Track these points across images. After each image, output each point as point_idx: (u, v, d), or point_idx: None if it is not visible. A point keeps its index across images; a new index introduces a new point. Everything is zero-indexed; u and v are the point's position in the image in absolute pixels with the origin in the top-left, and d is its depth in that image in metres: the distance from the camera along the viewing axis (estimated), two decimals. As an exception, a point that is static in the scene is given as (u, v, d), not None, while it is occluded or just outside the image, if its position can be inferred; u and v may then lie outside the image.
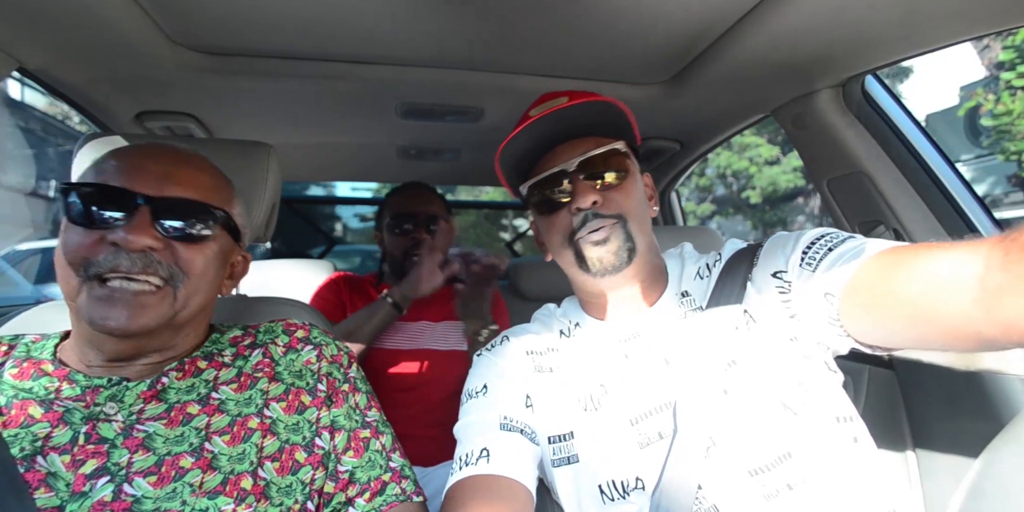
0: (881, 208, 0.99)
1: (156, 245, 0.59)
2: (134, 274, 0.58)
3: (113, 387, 0.61)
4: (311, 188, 7.20)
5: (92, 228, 0.59)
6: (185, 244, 0.62)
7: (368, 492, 0.67)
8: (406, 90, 1.18)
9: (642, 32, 0.91)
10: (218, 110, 1.26)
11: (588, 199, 0.71)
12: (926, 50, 0.85)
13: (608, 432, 0.68)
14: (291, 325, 0.75)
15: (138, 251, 0.58)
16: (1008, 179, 9.24)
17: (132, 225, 0.58)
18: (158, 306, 0.60)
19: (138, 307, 0.58)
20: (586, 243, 0.72)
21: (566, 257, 0.75)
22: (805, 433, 0.61)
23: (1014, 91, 6.86)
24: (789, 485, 0.59)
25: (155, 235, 0.59)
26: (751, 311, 0.67)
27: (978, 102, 7.33)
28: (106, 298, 0.57)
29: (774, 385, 0.63)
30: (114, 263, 0.57)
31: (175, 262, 0.61)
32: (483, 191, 11.94)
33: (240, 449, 0.61)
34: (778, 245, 0.67)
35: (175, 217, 0.61)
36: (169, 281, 0.61)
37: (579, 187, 0.72)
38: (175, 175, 0.63)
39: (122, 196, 0.60)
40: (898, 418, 0.91)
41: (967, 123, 8.37)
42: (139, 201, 0.59)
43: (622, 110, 0.73)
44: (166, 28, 0.91)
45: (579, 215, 0.72)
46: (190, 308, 0.64)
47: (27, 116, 6.10)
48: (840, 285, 0.56)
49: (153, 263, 0.59)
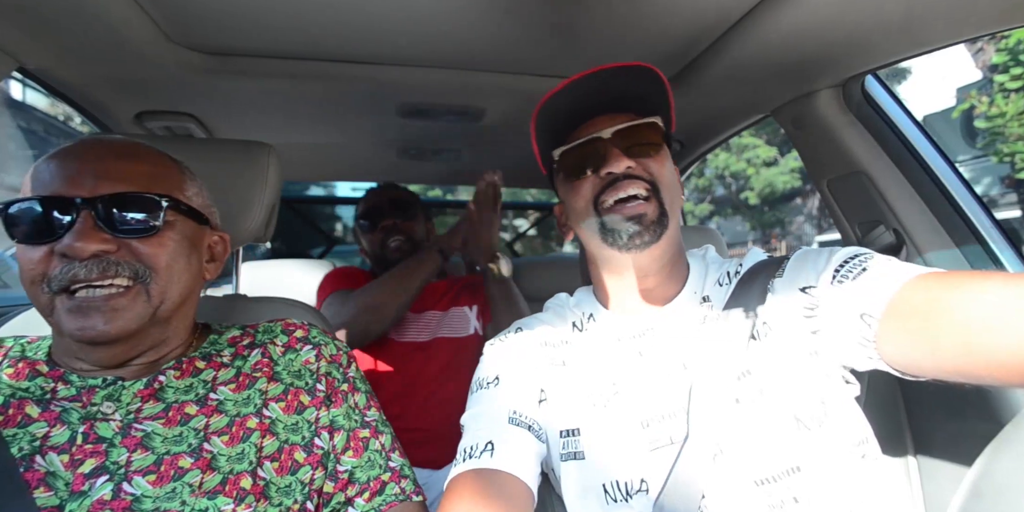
0: (881, 208, 0.99)
1: (107, 247, 0.57)
2: (94, 281, 0.56)
3: (109, 387, 0.61)
4: (311, 188, 7.20)
5: (39, 243, 0.57)
6: (140, 239, 0.59)
7: (368, 492, 0.66)
8: (406, 90, 1.18)
9: (642, 32, 0.91)
10: (218, 110, 1.26)
11: (621, 164, 0.69)
12: (926, 50, 0.85)
13: (617, 432, 0.67)
14: (290, 325, 0.75)
15: (90, 257, 0.56)
16: (1002, 180, 9.26)
17: (76, 232, 0.56)
18: (132, 306, 0.58)
19: (111, 311, 0.57)
20: (614, 213, 0.69)
21: (590, 227, 0.72)
22: (817, 449, 0.60)
23: (1007, 93, 6.89)
24: (795, 498, 0.59)
25: (103, 237, 0.57)
26: (770, 322, 0.65)
27: (972, 104, 7.36)
28: (77, 309, 0.56)
29: (788, 398, 0.62)
30: (71, 274, 0.55)
31: (137, 259, 0.59)
32: (483, 191, 11.92)
33: (239, 449, 0.61)
34: (808, 260, 0.66)
35: (118, 213, 0.58)
36: (137, 279, 0.58)
37: (612, 153, 0.69)
38: (108, 170, 0.60)
39: (56, 204, 0.57)
40: (898, 419, 0.91)
41: (962, 125, 8.40)
42: (77, 202, 0.57)
43: (663, 85, 0.72)
44: (166, 28, 0.91)
45: (608, 179, 0.70)
46: (169, 301, 0.62)
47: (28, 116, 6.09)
48: (881, 306, 0.54)
49: (111, 265, 0.57)
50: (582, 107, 0.73)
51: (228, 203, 0.86)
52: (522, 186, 3.01)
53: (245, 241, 0.93)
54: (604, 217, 0.70)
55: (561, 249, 3.38)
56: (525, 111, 1.31)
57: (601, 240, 0.71)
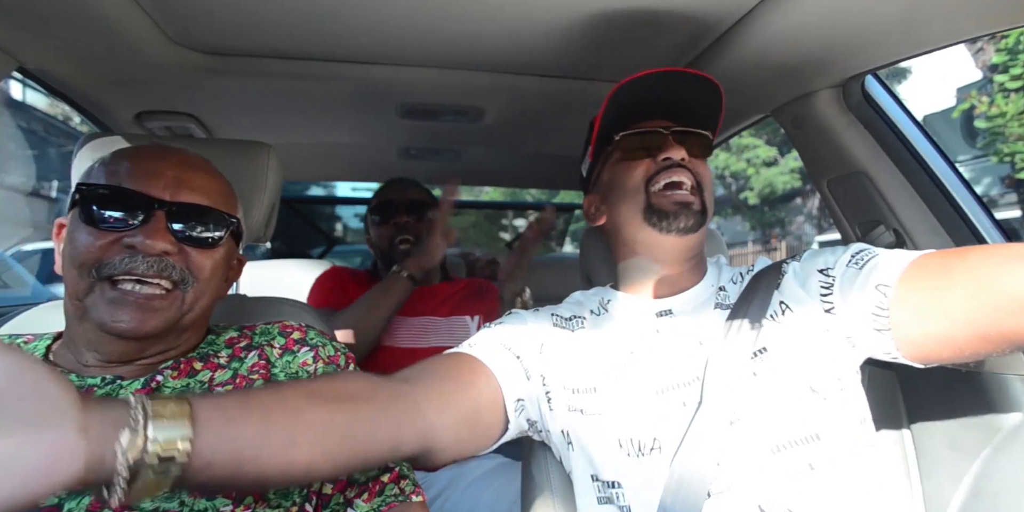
0: (881, 208, 0.99)
1: (172, 249, 0.60)
2: (148, 277, 0.59)
3: (107, 386, 0.61)
4: (311, 188, 7.20)
5: (106, 230, 0.60)
6: (197, 249, 0.63)
7: (367, 493, 0.66)
8: (406, 90, 1.18)
9: (642, 32, 0.91)
10: (218, 110, 1.26)
11: (680, 153, 0.75)
12: (926, 50, 0.85)
13: (631, 396, 0.69)
14: (287, 326, 0.75)
15: (154, 255, 0.59)
16: (1002, 180, 9.27)
17: (150, 229, 0.59)
18: (167, 309, 0.61)
19: (149, 310, 0.59)
20: (663, 197, 0.74)
21: (635, 205, 0.76)
22: (834, 418, 0.63)
23: (1007, 93, 6.89)
24: (811, 465, 0.60)
25: (171, 240, 0.60)
26: (787, 301, 0.69)
27: (972, 104, 7.36)
28: (118, 300, 0.58)
29: (805, 372, 0.64)
30: (130, 266, 0.58)
31: (187, 266, 0.62)
32: (483, 191, 11.95)
33: None
34: (826, 250, 0.72)
35: (189, 222, 0.63)
36: (179, 285, 0.61)
37: (671, 142, 0.76)
38: (188, 180, 0.64)
39: (138, 200, 0.60)
40: (898, 418, 0.91)
41: (962, 125, 8.40)
42: (155, 206, 0.60)
43: (720, 107, 0.79)
44: (166, 28, 0.91)
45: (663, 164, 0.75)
46: (195, 311, 0.65)
47: (28, 116, 6.10)
48: (896, 274, 0.59)
49: (168, 267, 0.60)
50: (648, 103, 0.79)
51: (228, 203, 0.86)
52: (522, 186, 3.01)
53: (245, 241, 0.93)
54: (653, 199, 0.74)
55: (561, 249, 3.39)
56: (525, 111, 1.32)
57: (644, 220, 0.75)
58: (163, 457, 0.38)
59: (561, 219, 3.18)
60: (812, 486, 0.60)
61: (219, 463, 0.42)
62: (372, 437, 0.54)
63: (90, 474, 0.36)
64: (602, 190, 0.84)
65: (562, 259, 2.08)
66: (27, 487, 0.32)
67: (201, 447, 0.40)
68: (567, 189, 2.67)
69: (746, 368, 0.65)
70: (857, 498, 0.61)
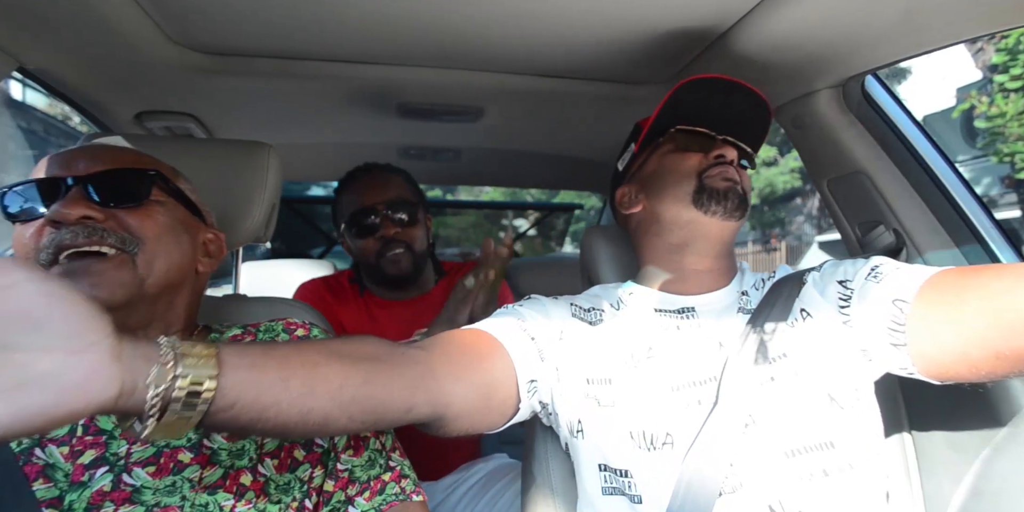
0: (881, 208, 0.99)
1: (95, 214, 0.58)
2: (80, 245, 0.57)
3: None
4: (311, 188, 7.19)
5: (32, 220, 0.60)
6: (127, 210, 0.62)
7: (368, 491, 0.67)
8: (406, 90, 1.18)
9: (642, 32, 0.91)
10: (218, 110, 1.26)
11: (732, 153, 0.78)
12: (927, 50, 0.85)
13: (646, 390, 0.69)
14: (291, 324, 0.75)
15: (75, 221, 0.57)
16: (1002, 180, 9.26)
17: (67, 200, 0.58)
18: (118, 272, 0.58)
19: (96, 274, 0.57)
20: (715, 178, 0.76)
21: (683, 189, 0.77)
22: (850, 427, 0.63)
23: (1007, 93, 6.88)
24: (825, 471, 0.61)
25: (90, 205, 0.59)
26: (808, 309, 0.70)
27: (972, 104, 7.35)
28: (64, 274, 0.56)
29: (823, 379, 0.65)
30: (57, 240, 0.57)
31: (124, 229, 0.60)
32: (483, 191, 11.95)
33: (240, 445, 0.62)
34: (845, 262, 0.73)
35: (107, 187, 0.61)
36: (123, 248, 0.59)
37: (723, 146, 0.79)
38: (100, 155, 0.64)
39: (52, 184, 0.60)
40: (898, 418, 0.91)
41: (962, 125, 8.39)
42: (69, 182, 0.60)
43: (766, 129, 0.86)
44: (166, 28, 0.91)
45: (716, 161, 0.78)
46: (156, 274, 0.62)
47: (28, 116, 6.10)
48: (914, 290, 0.60)
49: (98, 231, 0.58)
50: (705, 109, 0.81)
51: (228, 203, 0.86)
52: (522, 186, 3.00)
53: (245, 241, 0.93)
54: (705, 181, 0.77)
55: (561, 249, 3.39)
56: (525, 111, 1.32)
57: (692, 202, 0.76)
58: (190, 393, 0.40)
59: (561, 219, 3.18)
60: (824, 490, 0.60)
61: (242, 405, 0.44)
62: (387, 396, 0.55)
63: (121, 401, 0.37)
64: (644, 179, 0.85)
65: (562, 259, 2.08)
66: (62, 405, 0.34)
67: (225, 387, 0.42)
68: (567, 189, 2.67)
69: (764, 372, 0.65)
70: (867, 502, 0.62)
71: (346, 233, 1.21)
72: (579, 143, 1.60)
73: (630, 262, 0.97)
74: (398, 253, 1.15)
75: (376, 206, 1.16)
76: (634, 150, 0.88)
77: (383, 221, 1.15)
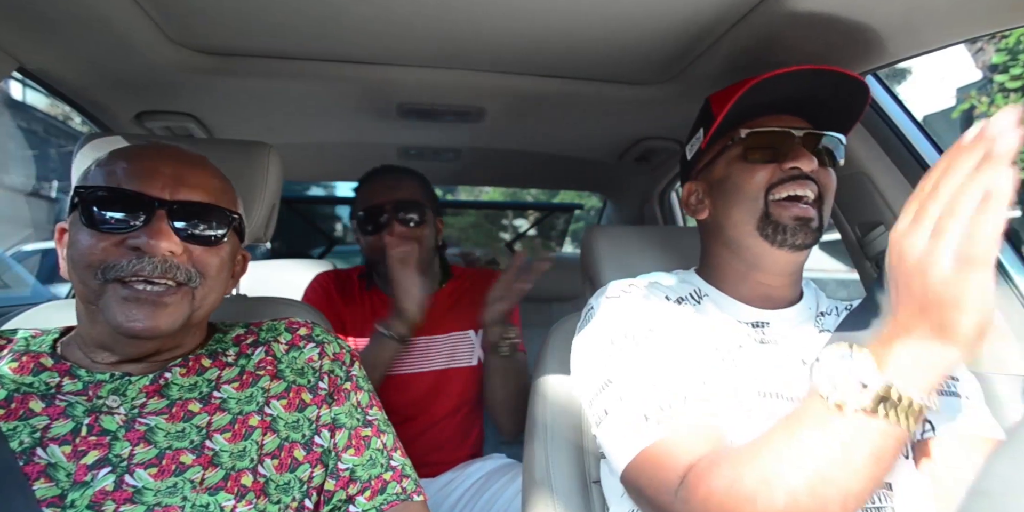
0: (881, 208, 0.99)
1: (176, 249, 0.60)
2: (155, 278, 0.59)
3: (116, 381, 0.62)
4: (311, 188, 7.19)
5: (108, 232, 0.60)
6: (201, 247, 0.63)
7: (369, 490, 0.67)
8: (406, 90, 1.18)
9: (643, 32, 0.91)
10: (218, 110, 1.26)
11: (811, 164, 0.70)
12: (927, 50, 0.85)
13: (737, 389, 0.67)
14: (294, 323, 0.76)
15: (160, 256, 0.59)
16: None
17: (153, 230, 0.59)
18: (179, 305, 0.61)
19: (161, 306, 0.59)
20: (783, 209, 0.70)
21: (750, 212, 0.72)
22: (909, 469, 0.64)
23: (1007, 93, 6.88)
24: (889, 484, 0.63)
25: (175, 240, 0.60)
26: None
27: (972, 104, 7.35)
28: (130, 298, 0.58)
29: None
30: (137, 267, 0.58)
31: (192, 265, 0.62)
32: (483, 191, 11.94)
33: (241, 446, 0.62)
34: None
35: (191, 220, 0.63)
36: (186, 283, 0.61)
37: (802, 151, 0.70)
38: (186, 177, 0.64)
39: (137, 200, 0.60)
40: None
41: (962, 125, 8.39)
42: (156, 205, 0.60)
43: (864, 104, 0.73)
44: (166, 28, 0.91)
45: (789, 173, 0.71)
46: (205, 308, 0.65)
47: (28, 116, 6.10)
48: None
49: (173, 268, 0.60)
50: (774, 97, 0.73)
51: (228, 203, 0.85)
52: (522, 186, 3.00)
53: (245, 241, 0.93)
54: (772, 209, 0.70)
55: (561, 249, 3.38)
56: (525, 111, 1.32)
57: (757, 229, 0.71)
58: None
59: (561, 219, 3.18)
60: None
61: None
62: None
63: None
64: (712, 183, 0.78)
65: (562, 259, 2.07)
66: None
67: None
68: (567, 189, 2.67)
69: None
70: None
71: (357, 229, 1.25)
72: (579, 143, 1.60)
73: (630, 262, 0.97)
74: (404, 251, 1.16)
75: (386, 205, 1.20)
76: (701, 146, 0.79)
77: (391, 220, 1.19)
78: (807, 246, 0.71)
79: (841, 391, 0.48)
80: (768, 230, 0.70)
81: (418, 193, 1.24)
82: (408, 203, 1.20)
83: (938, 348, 0.46)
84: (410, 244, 1.14)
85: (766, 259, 0.73)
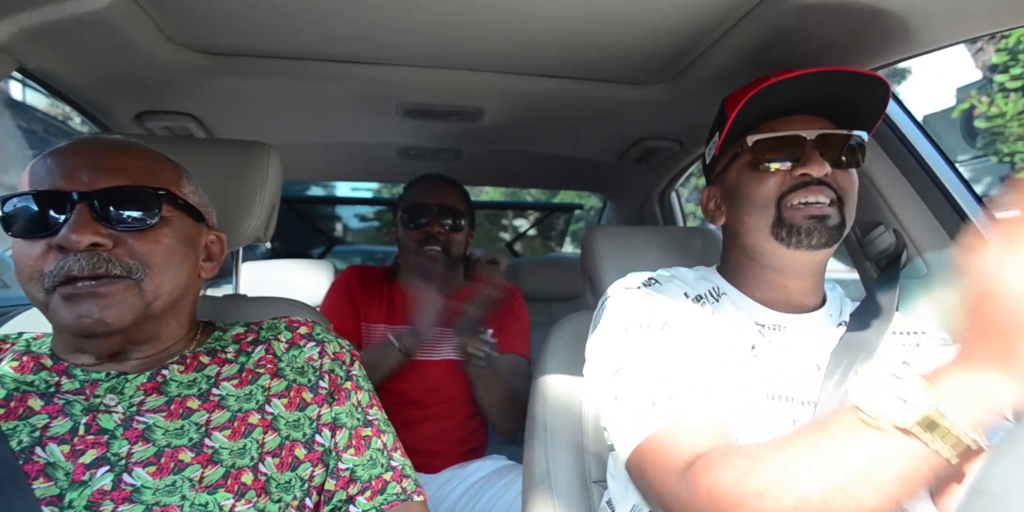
0: (881, 208, 0.99)
1: (102, 241, 0.57)
2: (87, 276, 0.56)
3: (112, 380, 0.61)
4: (311, 188, 7.19)
5: (37, 237, 0.57)
6: (135, 234, 0.59)
7: (369, 490, 0.67)
8: (406, 90, 1.18)
9: (643, 32, 0.91)
10: (218, 110, 1.26)
11: (822, 170, 0.68)
12: (926, 50, 0.85)
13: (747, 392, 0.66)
14: (294, 322, 0.75)
15: (84, 250, 0.56)
16: (1002, 180, 9.26)
17: (71, 224, 0.55)
18: (122, 297, 0.58)
19: (100, 297, 0.56)
20: (796, 212, 0.69)
21: (763, 218, 0.71)
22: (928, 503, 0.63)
23: (1007, 93, 6.88)
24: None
25: (98, 231, 0.57)
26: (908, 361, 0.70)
27: (972, 104, 7.35)
28: (71, 296, 0.56)
29: None
30: (65, 268, 0.55)
31: (130, 256, 0.59)
32: (483, 191, 11.94)
33: (241, 444, 0.62)
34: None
35: (115, 208, 0.58)
36: (130, 276, 0.58)
37: (814, 156, 0.68)
38: (104, 165, 0.60)
39: (55, 197, 0.57)
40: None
41: (962, 125, 8.39)
42: (73, 197, 0.57)
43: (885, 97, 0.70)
44: (166, 28, 0.91)
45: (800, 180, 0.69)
46: (163, 298, 0.62)
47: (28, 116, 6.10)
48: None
49: (103, 262, 0.57)
50: (786, 100, 0.71)
51: (228, 203, 0.85)
52: (522, 186, 3.00)
53: (245, 241, 0.93)
54: (785, 214, 0.69)
55: (561, 249, 3.38)
56: (525, 111, 1.32)
57: (771, 233, 0.70)
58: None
59: (561, 219, 3.18)
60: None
61: None
62: None
63: None
64: (727, 190, 0.78)
65: (562, 259, 2.08)
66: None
67: None
68: (567, 189, 2.67)
69: None
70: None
71: (399, 221, 1.37)
72: (579, 143, 1.60)
73: (630, 262, 0.97)
74: (435, 249, 1.29)
75: (431, 205, 1.32)
76: (715, 153, 0.79)
77: (432, 219, 1.30)
78: (824, 245, 0.69)
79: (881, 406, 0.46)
80: (783, 233, 0.69)
81: (461, 204, 1.37)
82: (450, 209, 1.32)
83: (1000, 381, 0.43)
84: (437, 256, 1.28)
85: (783, 261, 0.72)
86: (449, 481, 1.22)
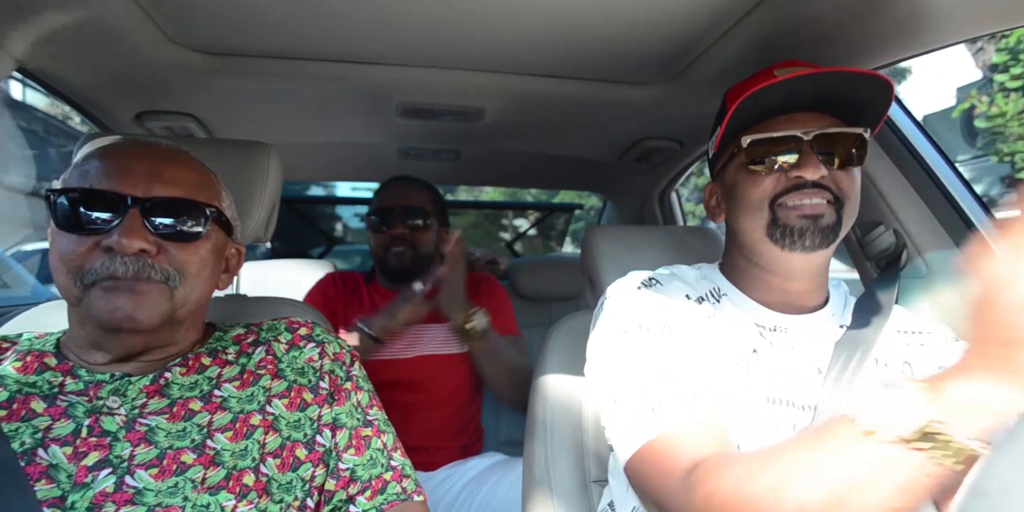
0: (881, 208, 0.99)
1: (149, 248, 0.59)
2: (130, 279, 0.58)
3: (116, 381, 0.61)
4: (311, 188, 7.19)
5: (83, 234, 0.59)
6: (178, 244, 0.62)
7: (369, 490, 0.67)
8: (406, 90, 1.18)
9: (642, 32, 0.91)
10: (218, 110, 1.26)
11: (816, 173, 0.66)
12: (927, 50, 0.85)
13: (747, 396, 0.66)
14: (294, 323, 0.75)
15: (132, 255, 0.58)
16: (1002, 180, 9.25)
17: (125, 228, 0.58)
18: (156, 298, 0.60)
19: (136, 294, 0.58)
20: (790, 211, 0.68)
21: (757, 220, 0.70)
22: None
23: (1007, 93, 6.88)
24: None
25: (147, 238, 0.59)
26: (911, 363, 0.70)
27: (972, 104, 7.35)
28: (111, 289, 0.58)
29: None
30: (110, 269, 0.57)
31: (170, 263, 0.61)
32: (483, 191, 11.94)
33: (243, 445, 0.62)
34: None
35: (165, 217, 0.61)
36: (165, 282, 0.60)
37: (808, 158, 0.67)
38: (161, 173, 0.62)
39: (110, 199, 0.59)
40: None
41: (962, 125, 8.39)
42: (128, 202, 0.59)
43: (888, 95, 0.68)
44: (166, 28, 0.91)
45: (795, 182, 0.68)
46: (188, 306, 0.64)
47: (28, 116, 6.10)
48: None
49: (146, 268, 0.59)
50: (784, 99, 0.69)
51: (228, 203, 0.85)
52: (522, 186, 3.00)
53: (245, 241, 0.93)
54: (779, 214, 0.69)
55: (561, 249, 3.38)
56: (525, 111, 1.32)
57: (766, 235, 0.70)
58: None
59: (561, 219, 3.18)
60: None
61: None
62: None
63: None
64: (726, 188, 0.77)
65: (562, 259, 2.07)
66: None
67: None
68: (567, 189, 2.67)
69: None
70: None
71: (368, 226, 1.39)
72: (579, 143, 1.60)
73: (630, 262, 0.97)
74: (400, 250, 1.31)
75: (394, 207, 1.33)
76: (714, 149, 0.78)
77: (396, 221, 1.32)
78: (818, 247, 0.68)
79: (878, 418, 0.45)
80: (777, 234, 0.69)
81: (426, 202, 1.36)
82: (415, 209, 1.33)
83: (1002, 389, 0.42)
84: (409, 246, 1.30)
85: (779, 264, 0.71)
86: (447, 478, 1.22)
